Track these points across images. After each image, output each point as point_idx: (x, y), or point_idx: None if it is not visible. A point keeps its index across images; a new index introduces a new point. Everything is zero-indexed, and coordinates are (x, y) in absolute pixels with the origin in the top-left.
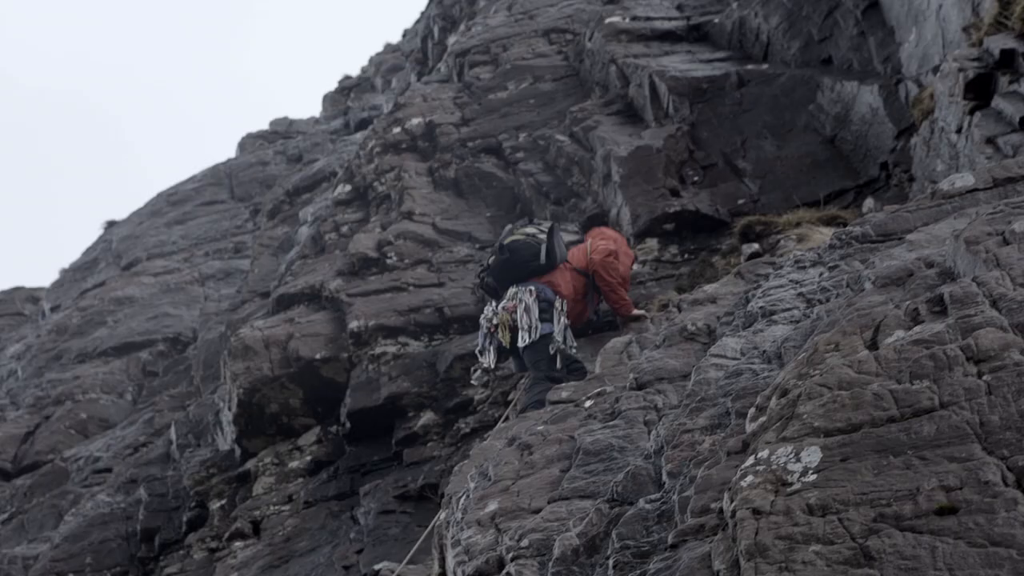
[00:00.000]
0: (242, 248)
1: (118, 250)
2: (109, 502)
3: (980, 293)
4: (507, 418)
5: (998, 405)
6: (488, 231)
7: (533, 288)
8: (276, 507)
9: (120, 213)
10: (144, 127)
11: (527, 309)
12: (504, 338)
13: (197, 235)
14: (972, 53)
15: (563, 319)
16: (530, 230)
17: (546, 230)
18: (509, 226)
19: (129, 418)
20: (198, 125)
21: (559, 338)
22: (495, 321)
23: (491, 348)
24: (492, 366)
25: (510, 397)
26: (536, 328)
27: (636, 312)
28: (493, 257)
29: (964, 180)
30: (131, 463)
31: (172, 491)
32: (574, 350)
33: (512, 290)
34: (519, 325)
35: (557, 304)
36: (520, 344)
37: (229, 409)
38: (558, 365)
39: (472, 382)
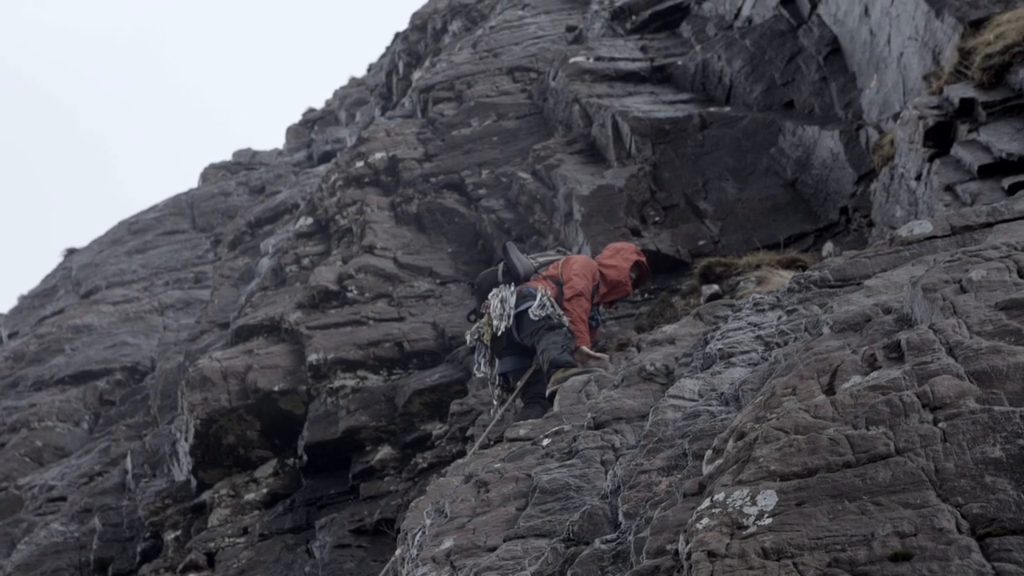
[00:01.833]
0: (202, 278)
1: (77, 278)
2: (63, 531)
3: (937, 340)
4: (509, 409)
5: (953, 452)
6: (449, 267)
7: (513, 285)
8: (231, 539)
9: (81, 240)
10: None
11: (503, 300)
12: (486, 337)
13: (157, 264)
14: (932, 101)
15: (546, 299)
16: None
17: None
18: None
19: (85, 447)
20: (163, 153)
21: (538, 307)
22: (476, 328)
23: (480, 359)
24: (483, 374)
25: (469, 433)
26: (510, 315)
27: (588, 351)
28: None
29: (922, 227)
30: (86, 492)
31: (127, 521)
32: (564, 317)
33: (494, 291)
34: (492, 316)
35: (542, 290)
36: (497, 333)
37: (186, 440)
38: (556, 321)
39: (494, 401)
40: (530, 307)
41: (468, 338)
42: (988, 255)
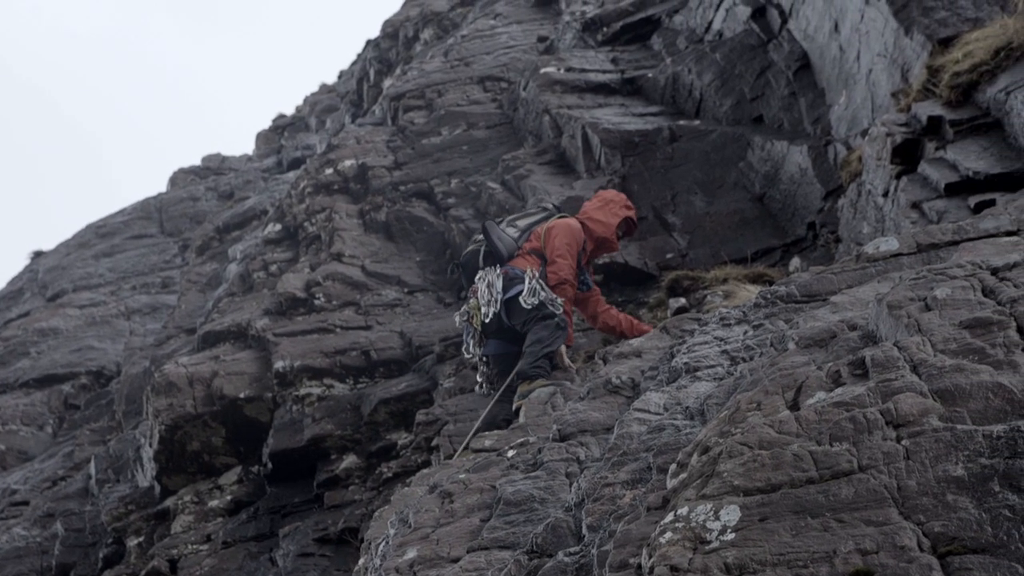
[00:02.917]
0: (170, 283)
1: (44, 281)
2: (25, 536)
3: (901, 358)
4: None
5: (915, 470)
6: (417, 275)
7: (499, 267)
8: (194, 546)
9: (48, 243)
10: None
11: (489, 284)
12: (476, 321)
13: (124, 268)
14: (900, 118)
15: (535, 282)
16: (479, 236)
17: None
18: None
19: (48, 451)
20: (129, 158)
21: (528, 294)
22: (466, 309)
23: (469, 339)
24: (471, 355)
25: (434, 443)
26: (498, 300)
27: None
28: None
29: (888, 244)
30: (49, 497)
31: (89, 527)
32: (559, 302)
33: (480, 274)
34: (480, 301)
35: (529, 272)
36: (485, 319)
37: (150, 445)
38: (551, 308)
39: (478, 379)
40: (520, 292)
41: (457, 319)
42: (953, 273)
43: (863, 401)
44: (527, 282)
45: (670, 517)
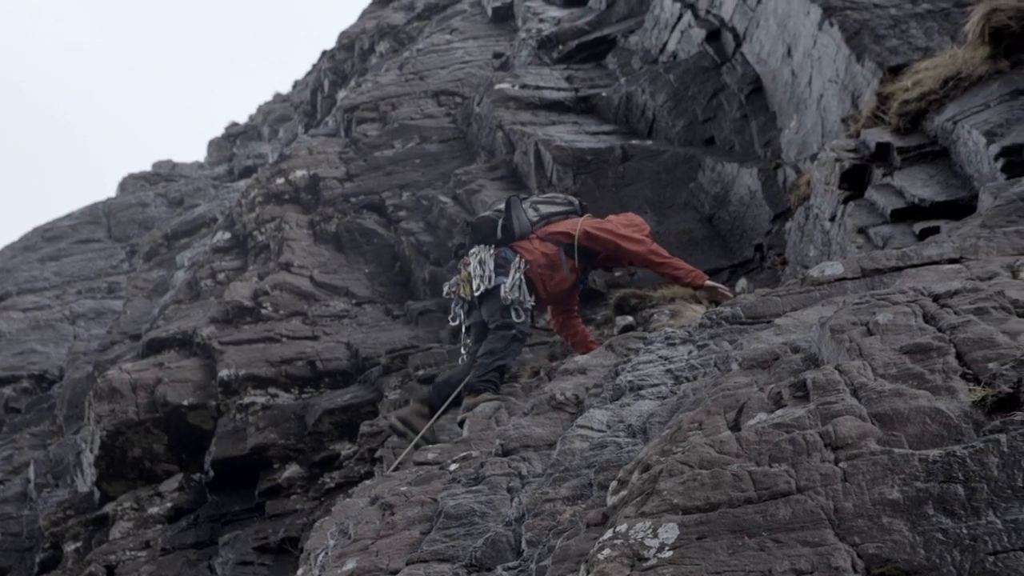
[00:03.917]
0: (116, 288)
1: None
2: None
3: (842, 381)
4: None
5: (852, 492)
6: (366, 287)
7: (493, 248)
8: (132, 552)
9: None
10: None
11: (481, 262)
12: (464, 291)
13: (71, 272)
14: (849, 144)
15: (519, 275)
16: (501, 206)
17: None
18: (491, 204)
19: None
20: (79, 162)
21: (509, 290)
22: (456, 280)
23: (458, 309)
24: (457, 323)
25: (377, 454)
26: (490, 277)
27: (708, 283)
28: (466, 237)
29: (833, 269)
30: None
31: (27, 531)
32: (531, 305)
33: (474, 249)
34: (472, 275)
35: (515, 261)
36: (476, 293)
37: (91, 451)
38: (513, 317)
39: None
40: (503, 283)
41: (445, 288)
42: (895, 299)
43: (803, 423)
44: (511, 274)
45: (609, 534)
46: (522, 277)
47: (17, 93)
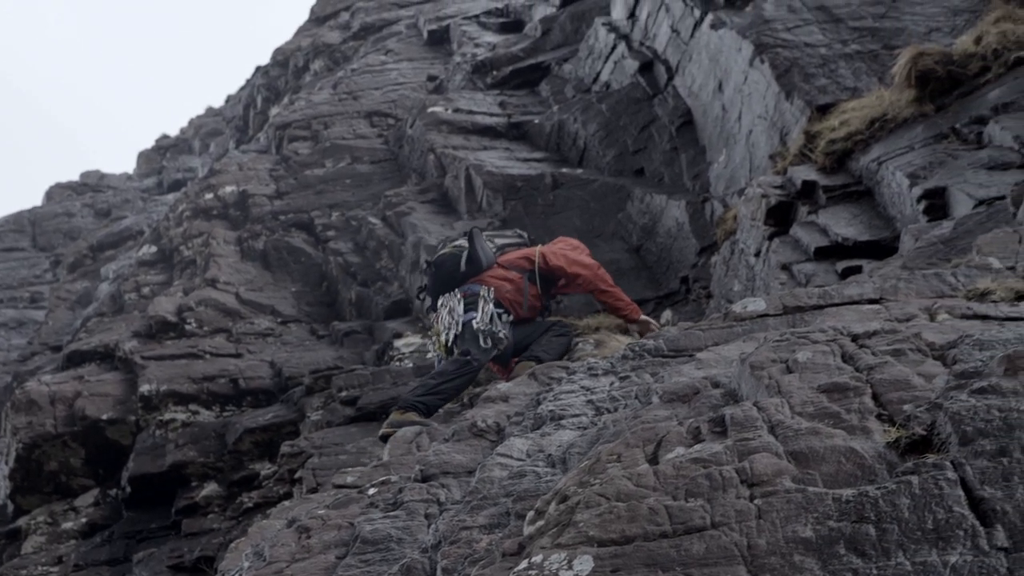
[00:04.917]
0: (38, 298)
1: None
2: None
3: (760, 418)
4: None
5: (766, 529)
6: (292, 306)
7: (459, 290)
8: (44, 567)
9: None
10: None
11: (451, 311)
12: (439, 346)
13: None
14: (776, 180)
15: (489, 306)
16: (459, 242)
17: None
18: (442, 240)
19: None
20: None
21: (481, 321)
22: (432, 336)
23: (439, 362)
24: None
25: (297, 475)
26: (458, 322)
27: (643, 317)
28: (426, 278)
29: (756, 305)
30: None
31: None
32: (502, 334)
33: (441, 300)
34: (441, 327)
35: (483, 292)
36: (448, 344)
37: (6, 463)
38: (481, 343)
39: None
40: (474, 318)
41: (431, 350)
42: (815, 338)
43: (720, 459)
44: (480, 307)
45: (524, 564)
46: (492, 307)
47: None
